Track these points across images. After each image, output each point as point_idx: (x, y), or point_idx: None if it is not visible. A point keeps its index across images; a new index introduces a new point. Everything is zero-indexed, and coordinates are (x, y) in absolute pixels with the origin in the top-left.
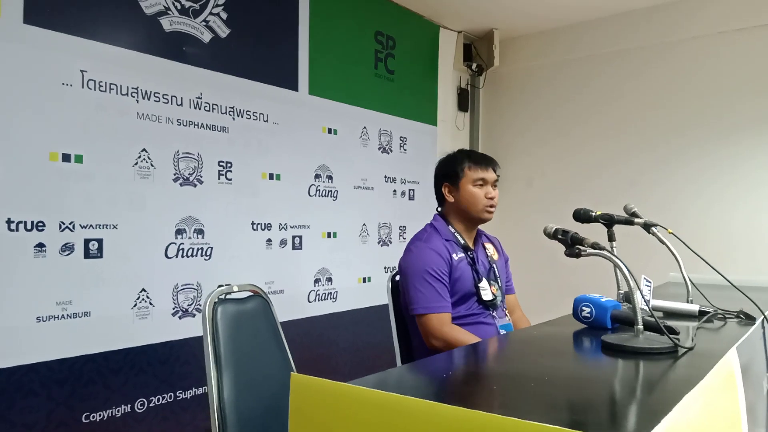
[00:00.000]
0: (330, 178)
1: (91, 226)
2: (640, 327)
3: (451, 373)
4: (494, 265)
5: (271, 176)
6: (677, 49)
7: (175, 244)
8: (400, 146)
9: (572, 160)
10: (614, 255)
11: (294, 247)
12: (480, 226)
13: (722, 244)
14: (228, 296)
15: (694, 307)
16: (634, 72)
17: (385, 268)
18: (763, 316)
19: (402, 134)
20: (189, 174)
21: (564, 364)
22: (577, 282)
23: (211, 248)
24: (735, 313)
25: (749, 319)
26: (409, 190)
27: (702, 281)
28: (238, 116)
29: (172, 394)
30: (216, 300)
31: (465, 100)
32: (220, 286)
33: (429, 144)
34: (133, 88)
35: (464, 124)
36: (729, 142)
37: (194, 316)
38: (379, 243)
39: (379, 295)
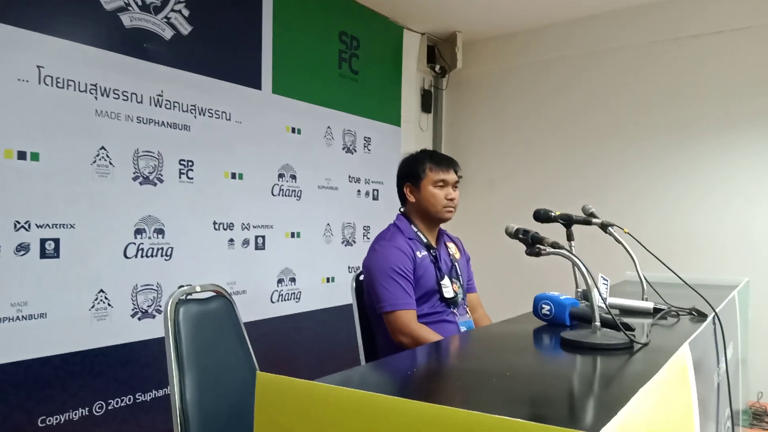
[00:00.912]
0: (294, 177)
1: (47, 225)
2: (598, 324)
3: (415, 369)
4: (456, 264)
5: (233, 175)
6: (637, 53)
7: (135, 244)
8: (365, 146)
9: (534, 163)
10: (573, 254)
11: (257, 247)
12: (442, 226)
13: (681, 245)
14: (190, 296)
15: (649, 305)
16: (595, 75)
17: (349, 267)
18: (713, 313)
19: (366, 134)
20: (149, 173)
21: (525, 360)
22: (538, 281)
23: (172, 248)
24: (688, 311)
25: (701, 316)
26: (373, 190)
27: (657, 280)
28: (200, 114)
29: (132, 397)
30: (178, 300)
31: (428, 101)
32: (182, 287)
33: (393, 144)
34: (91, 84)
35: (428, 125)
36: (687, 146)
37: (154, 317)
38: (343, 243)
39: (343, 295)
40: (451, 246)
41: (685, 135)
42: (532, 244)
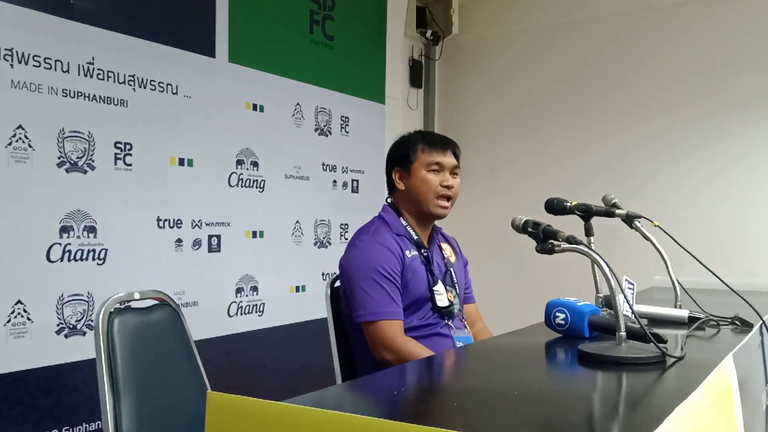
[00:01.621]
0: (255, 164)
1: None
2: (623, 334)
3: (402, 389)
4: (451, 269)
5: (181, 162)
6: (664, 13)
7: (60, 244)
8: (342, 127)
9: (543, 145)
10: (593, 250)
11: (211, 249)
12: (437, 223)
13: (723, 246)
14: (127, 305)
15: (684, 313)
16: (614, 39)
17: (323, 274)
18: (761, 322)
19: (343, 113)
20: (77, 158)
21: (535, 378)
22: (550, 287)
23: (106, 250)
24: (729, 320)
25: (746, 326)
26: (353, 180)
27: (692, 285)
28: (140, 87)
29: (57, 431)
30: (112, 310)
31: (418, 73)
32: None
33: (376, 125)
34: (6, 49)
35: (418, 102)
36: (734, 126)
37: (84, 334)
38: (315, 244)
39: (316, 307)
40: (446, 247)
41: (734, 111)
42: (544, 239)
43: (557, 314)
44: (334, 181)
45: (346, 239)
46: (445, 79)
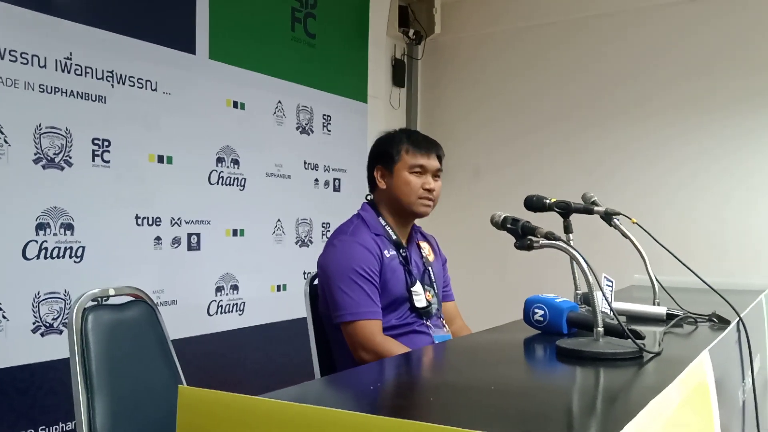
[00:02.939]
0: (236, 162)
1: None
2: (601, 329)
3: (379, 384)
4: (429, 268)
5: (160, 159)
6: (656, 14)
7: (36, 242)
8: (324, 126)
9: (527, 148)
10: (571, 246)
11: (190, 248)
12: (416, 222)
13: (700, 245)
14: (103, 302)
15: (661, 310)
16: (599, 42)
17: (304, 273)
18: (738, 319)
19: (325, 112)
20: (54, 154)
21: (513, 373)
22: (530, 287)
23: (83, 248)
24: (707, 317)
25: (723, 323)
26: (334, 179)
27: (671, 284)
28: (119, 83)
29: (33, 431)
30: (86, 306)
31: (401, 73)
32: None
33: (358, 124)
34: None
35: (400, 101)
36: (713, 128)
37: (61, 332)
38: (297, 243)
39: (297, 306)
40: (425, 246)
41: (712, 114)
42: (523, 235)
43: (536, 311)
44: (316, 180)
45: (328, 238)
46: (427, 79)
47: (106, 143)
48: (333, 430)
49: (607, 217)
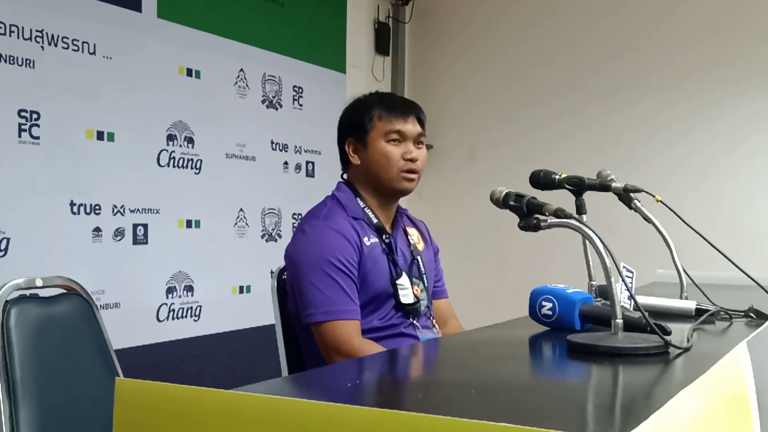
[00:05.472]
0: (190, 141)
1: None
2: (620, 321)
3: (358, 381)
4: (418, 258)
5: (100, 135)
6: None
7: None
8: (294, 99)
9: (529, 124)
10: (585, 225)
11: (136, 241)
12: (402, 203)
13: (731, 234)
14: (29, 294)
15: (690, 305)
16: (616, 1)
17: (272, 272)
18: None
19: (297, 83)
20: None
21: (517, 369)
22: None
23: (8, 239)
24: (743, 312)
25: (762, 318)
26: (307, 162)
27: (700, 280)
28: (50, 45)
29: None
30: (9, 299)
31: (385, 39)
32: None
33: (335, 98)
34: None
35: (384, 71)
36: (730, 95)
37: None
38: (263, 236)
39: (263, 310)
40: (413, 233)
41: (746, 81)
42: (529, 213)
43: (543, 303)
44: (285, 163)
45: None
46: (416, 46)
47: (35, 116)
48: (293, 422)
49: (627, 195)
